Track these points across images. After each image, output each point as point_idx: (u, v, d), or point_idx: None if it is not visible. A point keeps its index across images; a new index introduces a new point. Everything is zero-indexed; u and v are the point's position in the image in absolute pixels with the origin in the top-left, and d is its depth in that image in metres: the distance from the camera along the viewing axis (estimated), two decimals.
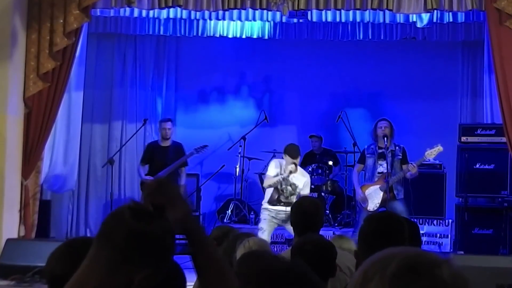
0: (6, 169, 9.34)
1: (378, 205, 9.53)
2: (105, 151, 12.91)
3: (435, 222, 10.96)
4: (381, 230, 3.24)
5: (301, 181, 9.27)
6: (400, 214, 7.66)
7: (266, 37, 12.51)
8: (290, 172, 9.10)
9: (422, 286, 1.21)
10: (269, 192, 9.32)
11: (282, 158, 9.28)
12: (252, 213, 11.99)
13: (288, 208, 9.04)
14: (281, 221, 9.07)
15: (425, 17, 11.04)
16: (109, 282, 1.84)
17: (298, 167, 9.32)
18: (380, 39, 12.37)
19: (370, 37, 12.31)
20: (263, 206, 9.42)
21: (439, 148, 9.51)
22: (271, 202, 9.29)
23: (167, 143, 10.94)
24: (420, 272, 1.23)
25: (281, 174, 9.14)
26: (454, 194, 10.82)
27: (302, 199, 6.39)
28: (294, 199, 9.15)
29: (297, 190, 9.21)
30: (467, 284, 1.24)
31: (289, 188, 9.20)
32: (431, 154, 9.53)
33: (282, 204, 9.20)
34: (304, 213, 5.32)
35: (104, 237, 1.89)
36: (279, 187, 9.20)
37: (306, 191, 9.34)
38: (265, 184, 9.44)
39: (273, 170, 9.26)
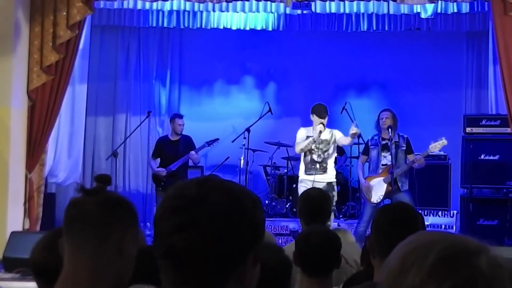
0: (10, 162, 9.34)
1: (381, 197, 9.50)
2: (109, 144, 12.92)
3: (440, 213, 10.96)
4: (398, 219, 3.22)
5: (329, 135, 9.36)
6: None
7: (270, 28, 12.50)
8: (320, 132, 9.16)
9: (460, 278, 1.22)
10: (302, 161, 9.45)
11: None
12: None
13: (327, 177, 9.13)
14: None
15: (430, 7, 11.03)
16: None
17: (329, 129, 9.48)
18: (384, 30, 12.33)
19: (374, 28, 12.28)
20: (300, 178, 9.50)
21: (443, 142, 9.49)
22: (307, 168, 9.37)
23: (177, 137, 10.93)
24: (458, 263, 1.24)
25: (311, 136, 9.21)
26: (459, 185, 10.80)
27: (310, 189, 6.38)
28: (329, 160, 9.22)
29: (330, 146, 9.27)
30: (504, 273, 1.25)
31: (320, 145, 9.26)
32: (435, 147, 9.51)
33: (317, 167, 9.24)
34: (312, 202, 5.30)
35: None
36: (310, 147, 9.28)
37: (339, 135, 9.44)
38: (297, 148, 9.56)
39: (301, 134, 9.40)
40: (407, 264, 1.26)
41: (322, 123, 9.24)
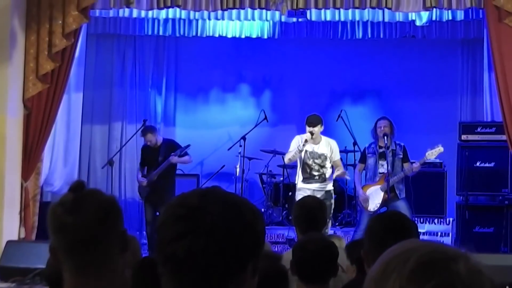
0: (6, 170, 9.33)
1: (378, 205, 9.50)
2: (105, 152, 12.91)
3: (436, 220, 10.95)
4: (391, 226, 3.24)
5: (327, 148, 9.31)
6: (403, 213, 7.67)
7: (265, 36, 12.52)
8: (306, 141, 9.17)
9: (439, 282, 1.23)
10: (299, 171, 9.43)
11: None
12: None
13: (324, 185, 9.19)
14: None
15: (424, 15, 11.05)
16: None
17: (323, 137, 9.40)
18: (379, 38, 12.37)
19: (369, 36, 12.31)
20: (297, 186, 9.48)
21: (439, 149, 9.51)
22: (305, 179, 9.36)
23: (158, 143, 10.80)
24: (437, 268, 1.25)
25: (298, 146, 9.23)
26: (455, 193, 10.81)
27: (306, 197, 6.39)
28: (327, 171, 9.24)
29: (327, 160, 9.26)
30: (484, 279, 1.26)
31: (317, 161, 9.26)
32: (432, 154, 9.52)
33: (316, 178, 9.24)
34: (307, 210, 5.31)
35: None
36: (308, 162, 9.25)
37: (336, 156, 9.40)
38: (285, 158, 9.65)
39: (293, 145, 9.40)
40: (388, 271, 1.28)
41: (310, 132, 9.26)
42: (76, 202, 2.11)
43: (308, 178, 9.34)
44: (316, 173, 9.32)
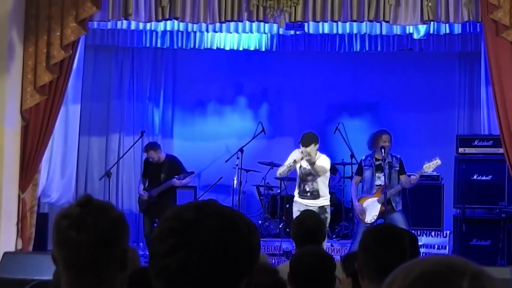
0: (4, 182, 9.32)
1: (375, 217, 9.51)
2: (102, 164, 12.90)
3: (433, 233, 10.95)
4: (382, 238, 3.25)
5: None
6: (400, 225, 7.71)
7: (263, 49, 12.54)
8: (295, 161, 9.31)
9: None
10: (297, 184, 9.65)
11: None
12: None
13: (318, 202, 9.32)
14: None
15: (422, 28, 11.07)
16: None
17: (319, 154, 9.50)
18: (377, 51, 12.39)
19: (367, 49, 12.34)
20: (294, 198, 9.68)
21: (437, 162, 9.53)
22: (300, 192, 9.55)
23: (161, 159, 10.87)
24: (439, 279, 1.24)
25: (290, 164, 9.40)
26: (452, 205, 10.80)
27: (305, 211, 6.39)
28: (320, 189, 9.30)
29: (321, 178, 9.41)
30: None
31: (308, 177, 9.40)
32: (429, 167, 9.54)
33: (309, 194, 9.40)
34: (306, 229, 5.31)
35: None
36: (302, 177, 9.49)
37: (320, 163, 9.46)
38: (277, 172, 9.93)
39: (289, 159, 9.56)
40: (391, 282, 1.28)
41: (302, 151, 9.33)
42: (82, 218, 2.08)
43: (302, 192, 9.48)
44: (308, 189, 9.41)
